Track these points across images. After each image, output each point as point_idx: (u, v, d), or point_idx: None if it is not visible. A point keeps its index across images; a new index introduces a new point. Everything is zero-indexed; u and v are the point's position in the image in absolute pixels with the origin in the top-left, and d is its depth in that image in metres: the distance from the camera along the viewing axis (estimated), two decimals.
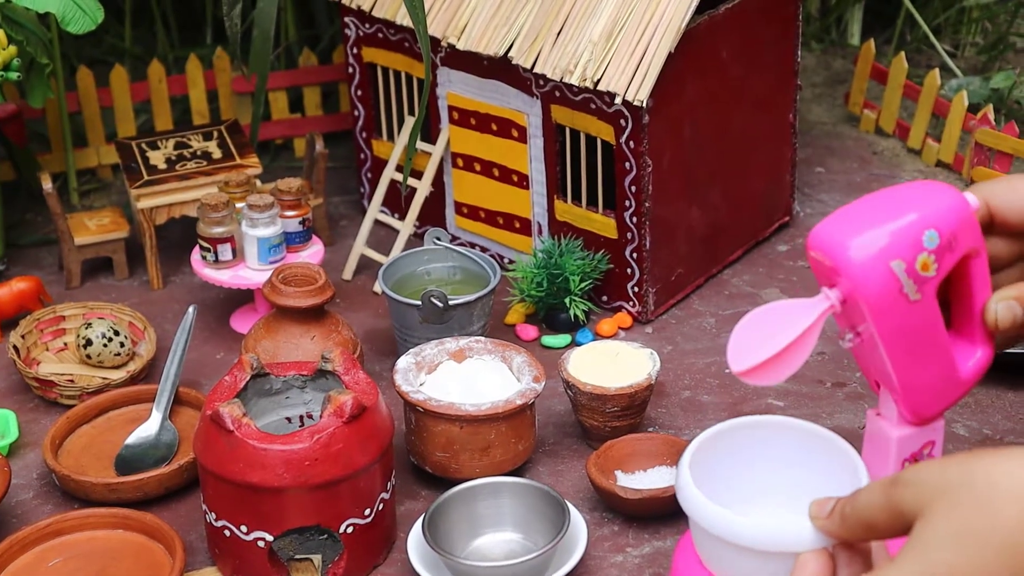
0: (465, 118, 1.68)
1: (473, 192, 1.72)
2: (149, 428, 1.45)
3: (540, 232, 1.68)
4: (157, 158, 1.74)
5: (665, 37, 1.51)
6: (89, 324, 1.56)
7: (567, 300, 1.60)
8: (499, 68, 1.62)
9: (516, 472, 1.39)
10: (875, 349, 1.11)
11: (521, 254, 1.70)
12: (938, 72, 1.93)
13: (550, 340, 1.61)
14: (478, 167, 1.70)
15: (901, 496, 0.95)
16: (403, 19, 1.67)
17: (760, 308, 1.12)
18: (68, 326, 1.62)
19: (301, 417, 1.36)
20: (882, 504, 0.97)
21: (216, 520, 1.26)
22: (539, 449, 1.44)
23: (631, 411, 1.41)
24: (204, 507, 1.28)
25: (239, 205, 1.62)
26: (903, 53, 1.98)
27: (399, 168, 1.75)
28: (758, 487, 1.19)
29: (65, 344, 1.61)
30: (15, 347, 1.55)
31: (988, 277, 1.13)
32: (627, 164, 1.56)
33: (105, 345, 1.54)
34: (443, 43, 1.63)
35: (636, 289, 1.62)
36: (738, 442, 1.19)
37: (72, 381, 1.53)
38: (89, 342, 1.54)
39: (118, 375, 1.54)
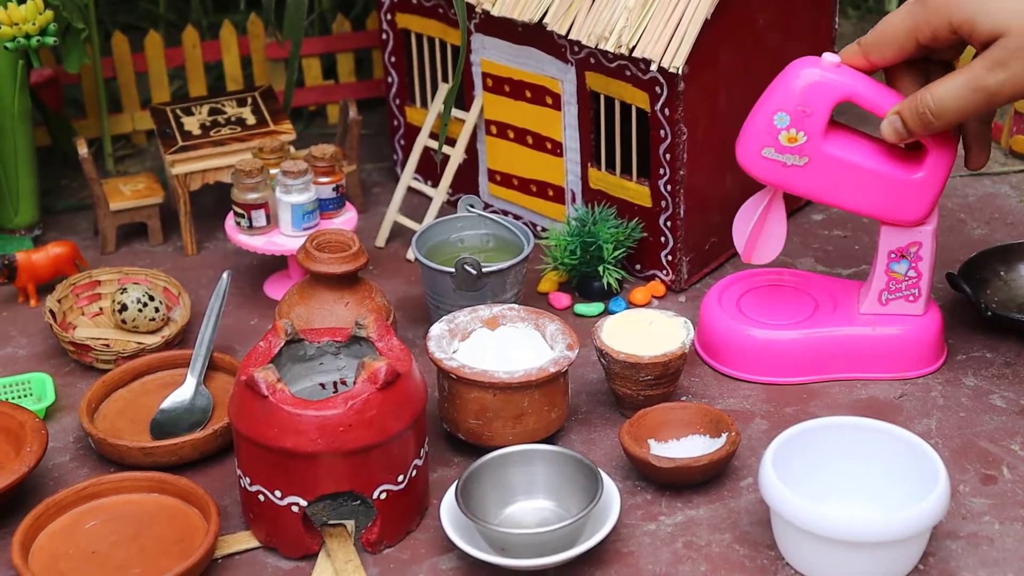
0: (499, 85, 1.67)
1: (506, 159, 1.71)
2: (184, 393, 1.45)
3: (574, 200, 1.67)
4: (191, 124, 1.75)
5: (701, 3, 1.50)
6: (124, 289, 1.56)
7: (600, 268, 1.59)
8: (534, 34, 1.61)
9: (549, 440, 1.39)
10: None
11: (554, 222, 1.69)
12: None
13: (583, 308, 1.60)
14: (512, 134, 1.69)
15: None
16: None
17: (741, 208, 1.45)
18: (103, 291, 1.62)
19: (335, 383, 1.36)
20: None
21: (250, 485, 1.27)
22: (572, 417, 1.44)
23: (664, 380, 1.41)
24: (238, 472, 1.28)
25: (273, 171, 1.63)
26: None
27: (433, 135, 1.75)
28: (836, 486, 1.25)
29: (101, 309, 1.62)
30: (51, 312, 1.56)
31: (878, 104, 1.38)
32: (662, 132, 1.55)
33: (140, 310, 1.55)
34: (478, 9, 1.63)
35: (670, 258, 1.62)
36: (818, 441, 1.25)
37: (107, 345, 1.53)
38: (124, 307, 1.55)
39: (153, 340, 1.54)
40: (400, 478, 1.27)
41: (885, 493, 1.25)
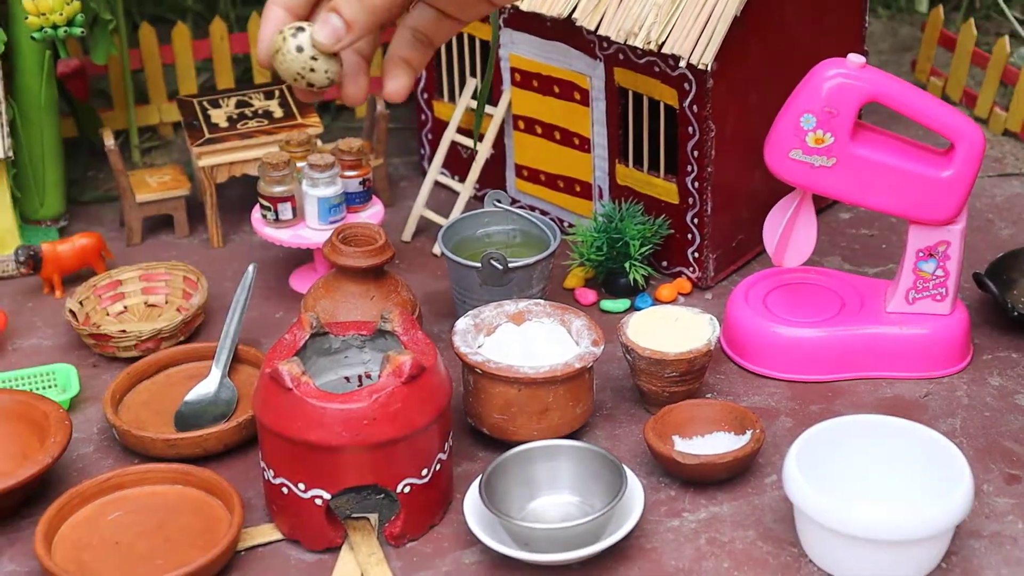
0: (527, 80, 1.67)
1: (534, 155, 1.71)
2: (208, 385, 1.45)
3: (601, 196, 1.67)
4: (219, 116, 1.75)
5: (731, 0, 1.49)
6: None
7: (627, 265, 1.59)
8: (563, 30, 1.60)
9: (573, 435, 1.39)
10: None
11: (581, 218, 1.69)
12: (1008, 39, 1.90)
13: (609, 304, 1.60)
14: (539, 130, 1.69)
15: None
16: None
17: (771, 211, 1.45)
18: (126, 289, 1.62)
19: (360, 377, 1.36)
20: None
21: (274, 477, 1.27)
22: (597, 413, 1.44)
23: (690, 376, 1.40)
24: (262, 464, 1.28)
25: (300, 164, 1.63)
26: (972, 20, 1.95)
27: (461, 130, 1.74)
28: (860, 485, 1.25)
29: (125, 308, 1.62)
30: (72, 311, 1.56)
31: (904, 104, 1.37)
32: (690, 128, 1.54)
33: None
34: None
35: (696, 255, 1.61)
36: (842, 439, 1.26)
37: (124, 332, 1.53)
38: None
39: (170, 324, 1.53)
40: (424, 472, 1.27)
41: (909, 492, 1.25)
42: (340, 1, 0.92)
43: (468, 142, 1.72)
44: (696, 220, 1.59)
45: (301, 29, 0.88)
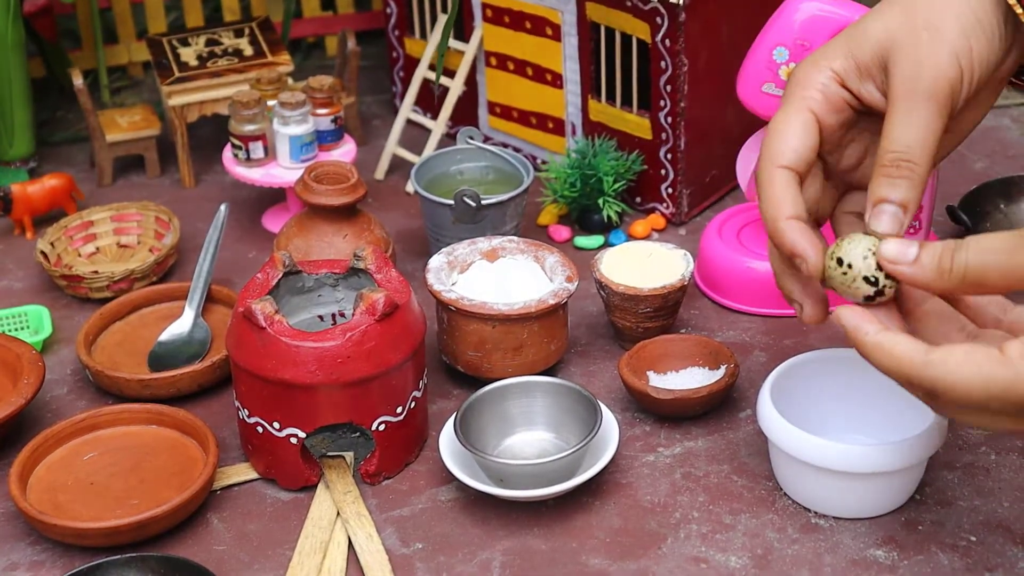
0: (499, 16, 1.66)
1: (506, 91, 1.70)
2: (182, 325, 1.45)
3: (574, 132, 1.66)
4: (188, 55, 1.73)
5: None
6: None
7: (600, 201, 1.59)
8: None
9: (548, 372, 1.39)
10: None
11: (554, 154, 1.69)
12: None
13: (583, 241, 1.60)
14: (511, 66, 1.68)
15: None
16: None
17: (744, 146, 1.43)
18: (98, 230, 1.61)
19: (333, 315, 1.36)
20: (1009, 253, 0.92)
21: (249, 417, 1.27)
22: (571, 350, 1.44)
23: (664, 312, 1.40)
24: (237, 404, 1.28)
25: (271, 103, 1.61)
26: None
27: (432, 67, 1.73)
28: (834, 417, 1.25)
29: (97, 248, 1.61)
30: (43, 253, 1.55)
31: None
32: (663, 63, 1.54)
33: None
34: None
35: (670, 190, 1.61)
36: (816, 373, 1.27)
37: (97, 272, 1.52)
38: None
39: (143, 265, 1.53)
40: (399, 410, 1.27)
41: (883, 424, 1.25)
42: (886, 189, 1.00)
43: (440, 79, 1.71)
44: (669, 156, 1.59)
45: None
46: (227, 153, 1.63)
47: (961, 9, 0.99)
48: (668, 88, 1.55)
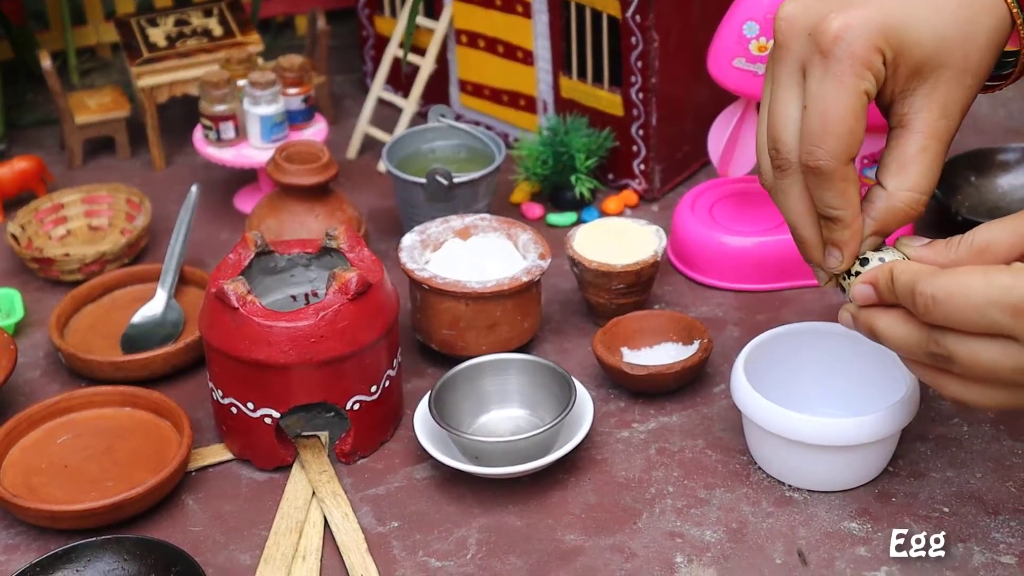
0: None
1: (478, 69, 1.70)
2: (154, 307, 1.44)
3: (545, 109, 1.66)
4: (157, 36, 1.72)
5: None
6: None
7: (573, 178, 1.59)
8: None
9: (522, 349, 1.39)
10: None
11: (526, 132, 1.68)
12: None
13: (556, 218, 1.60)
14: (482, 44, 1.67)
15: None
16: None
17: (715, 121, 1.44)
18: (68, 213, 1.61)
19: (306, 295, 1.36)
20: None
21: (223, 398, 1.26)
22: (545, 327, 1.44)
23: (637, 288, 1.41)
24: (210, 385, 1.28)
25: (241, 83, 1.61)
26: None
27: (402, 45, 1.73)
28: (807, 391, 1.26)
29: (68, 231, 1.60)
30: (14, 236, 1.54)
31: None
32: (633, 39, 1.53)
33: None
34: None
35: (642, 167, 1.61)
36: (789, 347, 1.28)
37: (68, 255, 1.51)
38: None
39: (114, 247, 1.52)
40: (373, 389, 1.27)
41: (856, 397, 1.26)
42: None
43: (411, 58, 1.71)
44: (641, 132, 1.59)
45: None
46: (198, 134, 1.62)
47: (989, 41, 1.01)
48: (639, 64, 1.54)
